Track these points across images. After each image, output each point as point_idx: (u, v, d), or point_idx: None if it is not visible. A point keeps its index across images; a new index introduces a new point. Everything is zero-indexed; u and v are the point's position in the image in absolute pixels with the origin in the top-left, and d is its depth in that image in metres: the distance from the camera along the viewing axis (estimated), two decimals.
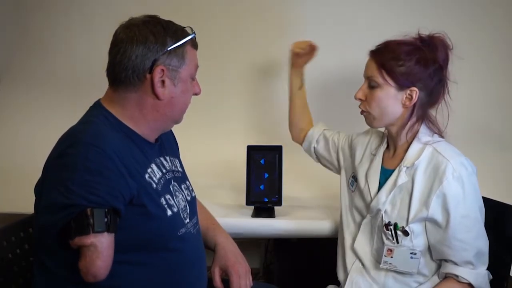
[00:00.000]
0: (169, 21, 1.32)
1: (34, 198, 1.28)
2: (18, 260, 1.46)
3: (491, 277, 1.51)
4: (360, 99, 1.56)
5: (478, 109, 2.28)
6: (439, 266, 1.53)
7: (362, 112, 1.58)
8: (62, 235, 1.17)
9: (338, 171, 1.80)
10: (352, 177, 1.69)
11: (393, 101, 1.51)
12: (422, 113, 1.53)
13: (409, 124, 1.53)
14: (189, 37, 1.32)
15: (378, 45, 1.54)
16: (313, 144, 1.84)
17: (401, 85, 1.49)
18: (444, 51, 1.51)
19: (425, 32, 1.53)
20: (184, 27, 1.33)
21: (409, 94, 1.50)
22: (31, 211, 1.29)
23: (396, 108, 1.52)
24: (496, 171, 2.13)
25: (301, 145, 1.89)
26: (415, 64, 1.48)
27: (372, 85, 1.52)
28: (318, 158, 1.87)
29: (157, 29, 1.28)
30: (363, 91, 1.55)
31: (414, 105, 1.51)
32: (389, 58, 1.49)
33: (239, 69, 2.35)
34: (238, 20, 2.32)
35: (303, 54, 1.82)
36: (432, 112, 1.56)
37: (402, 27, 1.52)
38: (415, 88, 1.49)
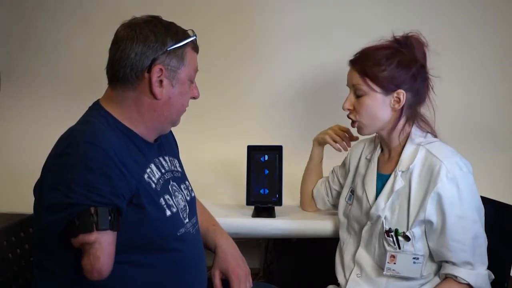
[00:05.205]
0: (171, 22, 1.32)
1: (34, 198, 1.28)
2: (18, 260, 1.46)
3: (493, 277, 1.51)
4: (349, 109, 1.55)
5: (477, 109, 2.28)
6: (439, 267, 1.53)
7: (352, 123, 1.57)
8: (64, 235, 1.16)
9: None
10: (350, 191, 1.69)
11: (381, 106, 1.51)
12: (411, 113, 1.53)
13: (399, 126, 1.53)
14: (190, 39, 1.32)
15: (356, 54, 1.55)
16: (326, 199, 1.85)
17: (387, 90, 1.49)
18: (421, 49, 1.52)
19: (398, 33, 1.53)
20: (186, 30, 1.33)
21: (396, 97, 1.50)
22: (31, 211, 1.28)
23: (386, 113, 1.52)
24: (494, 170, 2.13)
25: (315, 209, 1.89)
26: (397, 67, 1.48)
27: (358, 94, 1.52)
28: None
29: (158, 28, 1.28)
30: (350, 101, 1.54)
31: (403, 107, 1.51)
32: (371, 65, 1.49)
33: (240, 70, 2.35)
34: (238, 22, 2.32)
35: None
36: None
37: (398, 26, 1.52)
38: (401, 90, 1.49)
